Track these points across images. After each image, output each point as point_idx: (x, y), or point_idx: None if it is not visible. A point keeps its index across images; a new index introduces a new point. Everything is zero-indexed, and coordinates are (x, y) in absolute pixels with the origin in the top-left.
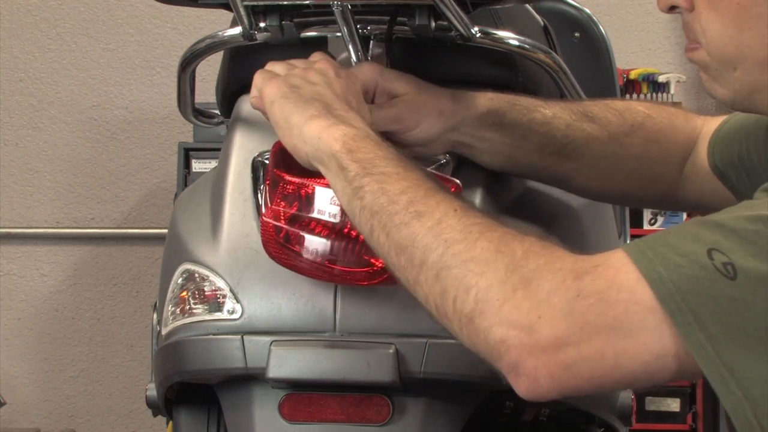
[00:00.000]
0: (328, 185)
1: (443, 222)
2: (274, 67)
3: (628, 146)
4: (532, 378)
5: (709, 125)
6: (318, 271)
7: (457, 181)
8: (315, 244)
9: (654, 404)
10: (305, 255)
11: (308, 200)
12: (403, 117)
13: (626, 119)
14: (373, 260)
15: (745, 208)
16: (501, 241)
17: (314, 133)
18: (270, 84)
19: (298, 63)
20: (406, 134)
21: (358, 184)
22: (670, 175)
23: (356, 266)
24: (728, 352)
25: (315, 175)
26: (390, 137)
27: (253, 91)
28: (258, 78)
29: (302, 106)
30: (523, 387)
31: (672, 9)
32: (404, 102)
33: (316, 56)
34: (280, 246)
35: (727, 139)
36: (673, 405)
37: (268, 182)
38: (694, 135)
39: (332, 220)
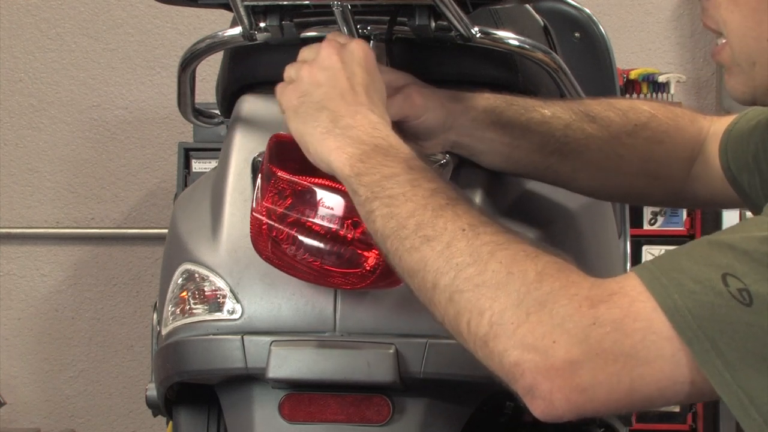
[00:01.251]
0: (320, 184)
1: (452, 245)
2: (288, 71)
3: (630, 146)
4: (547, 401)
5: (717, 125)
6: (307, 271)
7: None
8: (304, 243)
9: None
10: (293, 254)
11: (300, 199)
12: (414, 102)
13: (629, 119)
14: (364, 262)
15: (755, 226)
16: (512, 261)
17: (325, 156)
18: (284, 96)
19: (307, 55)
20: (413, 122)
21: (368, 208)
22: (677, 176)
23: (345, 268)
24: (746, 378)
25: (310, 173)
26: (397, 128)
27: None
28: (278, 91)
29: (310, 122)
30: (539, 409)
31: None
32: (410, 87)
33: (311, 49)
34: (269, 243)
35: (740, 139)
36: (673, 405)
37: (261, 177)
38: (700, 137)
39: (322, 221)
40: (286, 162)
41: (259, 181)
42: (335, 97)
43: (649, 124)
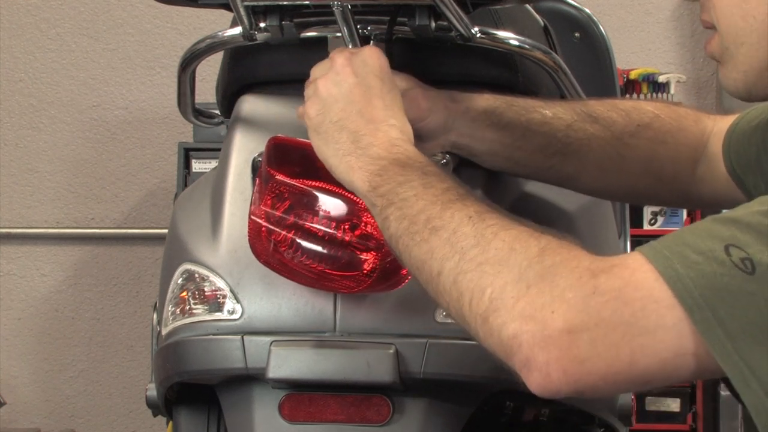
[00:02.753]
0: (318, 187)
1: (458, 231)
2: (306, 92)
3: (633, 147)
4: (544, 373)
5: (720, 125)
6: (305, 274)
7: None
8: (302, 246)
9: (654, 404)
10: (291, 257)
11: (298, 202)
12: (419, 105)
13: (632, 119)
14: (362, 264)
15: (759, 203)
16: (515, 239)
17: (346, 177)
18: (307, 108)
19: (319, 73)
20: (417, 124)
21: (384, 216)
22: (682, 176)
23: (343, 270)
24: (748, 349)
25: (309, 175)
26: None
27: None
28: (306, 95)
29: (332, 143)
30: (535, 383)
31: None
32: (414, 91)
33: (323, 66)
34: (266, 246)
35: (742, 140)
36: (673, 405)
37: (259, 179)
38: (703, 137)
39: (319, 224)
40: (285, 165)
41: (257, 184)
42: (353, 115)
43: (652, 124)
